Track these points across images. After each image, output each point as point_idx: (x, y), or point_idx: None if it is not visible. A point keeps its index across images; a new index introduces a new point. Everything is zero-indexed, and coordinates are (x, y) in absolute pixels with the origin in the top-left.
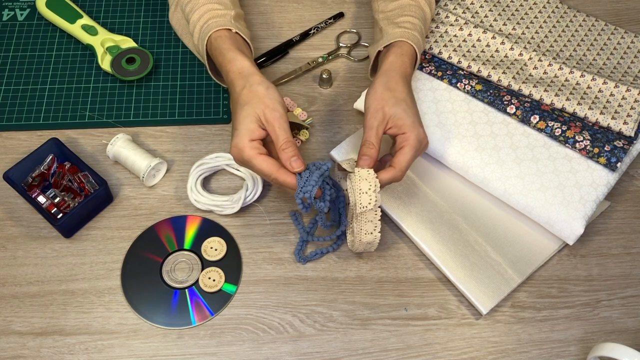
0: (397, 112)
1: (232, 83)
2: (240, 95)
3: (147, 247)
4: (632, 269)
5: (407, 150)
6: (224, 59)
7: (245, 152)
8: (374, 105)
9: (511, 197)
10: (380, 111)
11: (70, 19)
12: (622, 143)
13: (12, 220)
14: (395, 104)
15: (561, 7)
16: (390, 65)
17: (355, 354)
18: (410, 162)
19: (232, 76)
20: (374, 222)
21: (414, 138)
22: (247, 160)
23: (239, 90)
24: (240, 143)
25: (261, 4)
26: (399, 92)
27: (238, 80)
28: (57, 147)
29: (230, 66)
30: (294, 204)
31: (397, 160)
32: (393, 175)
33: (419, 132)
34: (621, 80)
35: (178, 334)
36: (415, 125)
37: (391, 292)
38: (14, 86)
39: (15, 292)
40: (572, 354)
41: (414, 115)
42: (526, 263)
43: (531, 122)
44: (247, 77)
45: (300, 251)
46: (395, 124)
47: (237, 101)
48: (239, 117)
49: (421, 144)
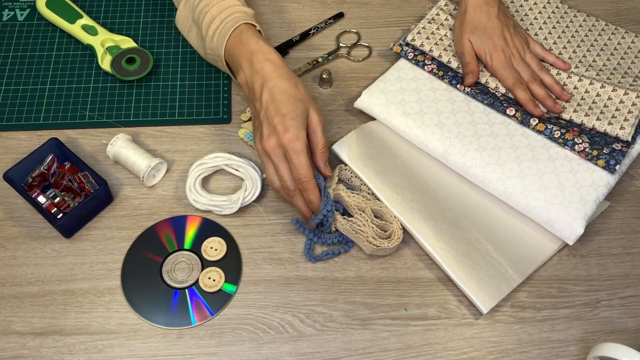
0: (473, 40)
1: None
2: (293, 87)
3: (147, 247)
4: (632, 269)
5: (496, 72)
6: (258, 45)
7: (301, 144)
8: (456, 38)
9: (511, 197)
10: (460, 42)
11: (70, 19)
12: (620, 145)
13: (12, 220)
14: (471, 32)
15: (561, 7)
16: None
17: (355, 354)
18: (505, 76)
19: (274, 58)
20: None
21: (494, 62)
22: (298, 151)
23: (288, 82)
24: (300, 133)
25: (261, 4)
26: (478, 20)
27: (283, 68)
28: (57, 147)
29: (269, 53)
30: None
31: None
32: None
33: (494, 54)
34: (620, 82)
35: (178, 334)
36: (488, 48)
37: (391, 292)
38: (14, 86)
39: (15, 292)
40: (572, 354)
41: (487, 39)
42: (526, 263)
43: (530, 124)
44: (289, 72)
45: (310, 249)
46: (477, 50)
47: (288, 92)
48: (296, 109)
49: (505, 53)
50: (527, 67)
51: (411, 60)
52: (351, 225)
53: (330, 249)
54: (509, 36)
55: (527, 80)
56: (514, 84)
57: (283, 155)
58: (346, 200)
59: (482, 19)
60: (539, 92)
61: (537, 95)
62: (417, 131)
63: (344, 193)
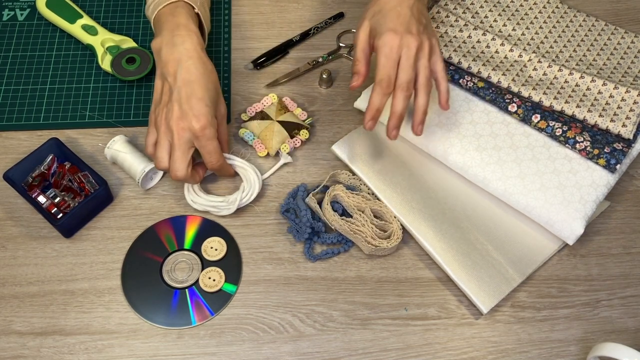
0: (372, 24)
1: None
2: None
3: (147, 247)
4: (632, 269)
5: (377, 59)
6: (187, 22)
7: (213, 130)
8: (358, 23)
9: (511, 197)
10: (360, 27)
11: (70, 19)
12: (621, 145)
13: (12, 220)
14: (372, 16)
15: (561, 7)
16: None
17: (355, 353)
18: (382, 70)
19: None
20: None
21: (381, 45)
22: (210, 137)
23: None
24: (214, 121)
25: (261, 4)
26: (379, 4)
27: (202, 51)
28: (57, 147)
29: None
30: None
31: (375, 73)
32: (376, 91)
33: (385, 38)
34: (621, 80)
35: (178, 333)
36: (382, 32)
37: (391, 292)
38: (14, 86)
39: (15, 292)
40: (572, 354)
41: (388, 21)
42: (526, 263)
43: (532, 121)
44: (207, 57)
45: (309, 249)
46: (373, 36)
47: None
48: (211, 96)
49: (392, 49)
50: (410, 72)
51: None
52: (349, 226)
53: (330, 249)
54: (415, 31)
55: (398, 85)
56: (380, 81)
57: (188, 140)
58: (346, 200)
59: (392, 2)
60: (398, 105)
61: (394, 107)
62: None
63: (343, 193)
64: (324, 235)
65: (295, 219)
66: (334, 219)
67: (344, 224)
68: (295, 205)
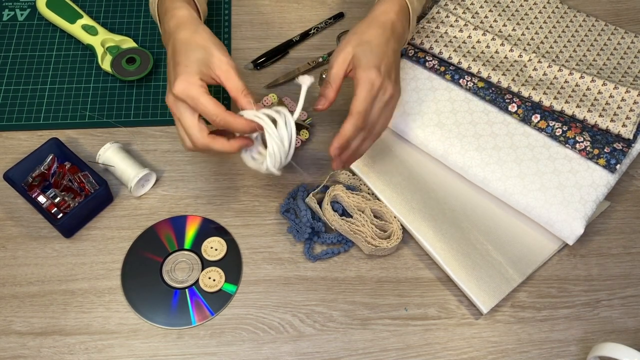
0: (357, 52)
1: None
2: (191, 34)
3: (147, 247)
4: (632, 269)
5: (357, 90)
6: (173, 5)
7: (195, 88)
8: (339, 46)
9: (511, 197)
10: (341, 51)
11: (70, 19)
12: (621, 145)
13: (12, 220)
14: (358, 44)
15: (561, 7)
16: (370, 13)
17: (355, 354)
18: (364, 103)
19: (180, 14)
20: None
21: (365, 79)
22: (194, 96)
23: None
24: (191, 78)
25: (261, 4)
26: (368, 35)
27: (186, 19)
28: (57, 147)
29: (179, 9)
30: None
31: (352, 104)
32: (351, 122)
33: (370, 74)
34: (621, 80)
35: (178, 333)
36: (369, 66)
37: (391, 292)
38: (14, 86)
39: (15, 292)
40: (572, 354)
41: (374, 58)
42: (526, 263)
43: (532, 121)
44: (191, 21)
45: (309, 249)
46: (354, 64)
47: (186, 42)
48: (190, 56)
49: (373, 86)
50: (377, 116)
51: (412, 58)
52: (349, 226)
53: (330, 248)
54: (394, 78)
55: (374, 130)
56: (359, 113)
57: (181, 109)
58: (346, 200)
59: (379, 39)
60: (365, 146)
61: (360, 147)
62: (417, 131)
63: (343, 193)
64: (324, 235)
65: (295, 219)
66: (334, 219)
67: (344, 224)
68: (295, 205)
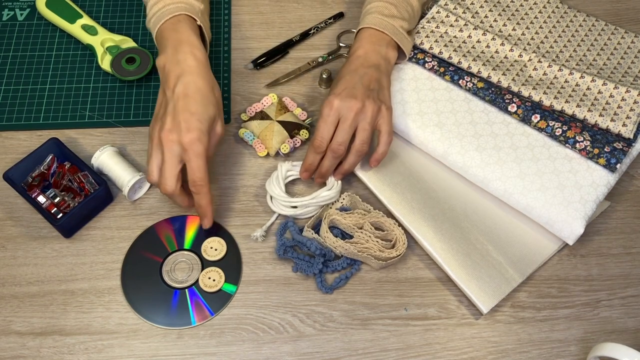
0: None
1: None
2: (209, 89)
3: (147, 247)
4: (632, 269)
5: (318, 120)
6: (189, 37)
7: (202, 148)
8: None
9: (511, 197)
10: (326, 102)
11: (70, 19)
12: (621, 145)
13: (12, 220)
14: (341, 92)
15: (561, 7)
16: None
17: (355, 354)
18: (318, 131)
19: (199, 55)
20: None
21: (321, 110)
22: (197, 154)
23: (206, 82)
24: (203, 137)
25: (261, 4)
26: (340, 72)
27: (204, 67)
28: (57, 147)
29: (196, 48)
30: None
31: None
32: (310, 149)
33: (324, 104)
34: (621, 80)
35: (178, 334)
36: (327, 98)
37: (391, 292)
38: (14, 86)
39: (15, 292)
40: (572, 354)
41: (335, 88)
42: (526, 263)
43: (532, 121)
44: (209, 74)
45: (322, 282)
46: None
47: (203, 93)
48: (205, 113)
49: (329, 112)
50: (344, 135)
51: (411, 59)
52: (355, 246)
53: (342, 274)
54: (360, 95)
55: (330, 147)
56: (313, 142)
57: (177, 154)
58: (342, 222)
59: (343, 71)
60: (324, 165)
61: (321, 166)
62: (417, 131)
63: (338, 216)
64: (332, 264)
65: (299, 255)
66: (338, 244)
67: (349, 246)
68: (293, 242)
